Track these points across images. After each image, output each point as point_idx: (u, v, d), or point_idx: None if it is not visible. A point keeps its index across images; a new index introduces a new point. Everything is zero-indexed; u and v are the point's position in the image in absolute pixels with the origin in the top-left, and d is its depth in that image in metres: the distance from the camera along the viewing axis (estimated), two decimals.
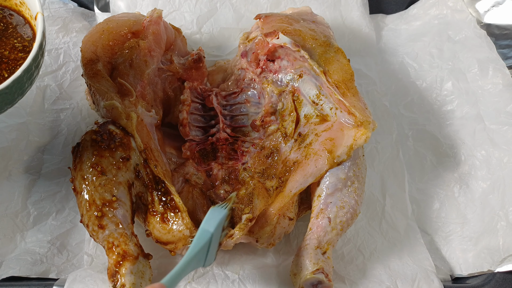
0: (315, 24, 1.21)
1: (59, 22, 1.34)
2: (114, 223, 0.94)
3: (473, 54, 1.32)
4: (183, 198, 1.06)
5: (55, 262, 1.07)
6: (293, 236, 1.12)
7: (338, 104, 1.06)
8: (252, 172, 1.10)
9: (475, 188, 1.18)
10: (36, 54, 0.88)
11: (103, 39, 1.12)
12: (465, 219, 1.16)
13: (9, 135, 1.15)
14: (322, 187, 1.01)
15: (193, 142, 1.15)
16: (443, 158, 1.25)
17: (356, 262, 1.09)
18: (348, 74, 1.09)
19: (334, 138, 1.03)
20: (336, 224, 0.98)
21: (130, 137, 1.01)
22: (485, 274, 1.07)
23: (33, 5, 0.95)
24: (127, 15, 1.22)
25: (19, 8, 1.00)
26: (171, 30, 1.24)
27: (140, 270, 0.92)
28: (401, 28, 1.46)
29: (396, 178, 1.22)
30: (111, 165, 0.97)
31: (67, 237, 1.11)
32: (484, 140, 1.21)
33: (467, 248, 1.12)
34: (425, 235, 1.16)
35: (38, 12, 0.93)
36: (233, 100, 1.21)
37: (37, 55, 0.89)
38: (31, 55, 0.88)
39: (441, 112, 1.31)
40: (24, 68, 0.86)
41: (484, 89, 1.27)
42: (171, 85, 1.21)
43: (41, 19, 0.91)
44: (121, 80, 1.07)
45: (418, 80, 1.36)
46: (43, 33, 0.90)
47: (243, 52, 1.22)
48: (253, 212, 1.05)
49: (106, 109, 1.02)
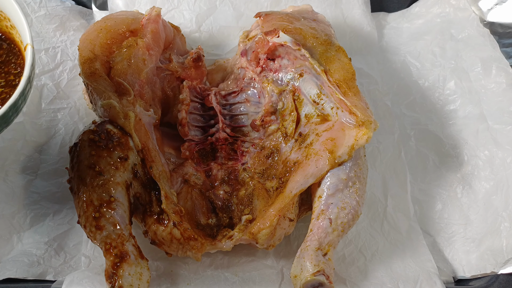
0: (316, 23, 1.20)
1: (56, 21, 1.34)
2: (112, 224, 0.94)
3: (476, 53, 1.32)
4: (181, 199, 1.06)
5: (53, 263, 1.07)
6: (293, 238, 1.12)
7: (339, 103, 1.06)
8: (252, 173, 1.10)
9: (478, 189, 1.18)
10: (23, 88, 0.86)
11: (101, 38, 1.12)
12: (468, 220, 1.16)
13: (6, 135, 1.15)
14: (323, 187, 1.01)
15: (192, 142, 1.15)
16: (446, 158, 1.25)
17: (357, 263, 1.09)
18: (349, 73, 1.09)
19: (335, 138, 1.03)
20: (337, 225, 0.98)
21: (128, 136, 1.01)
22: (488, 276, 1.07)
23: (24, 33, 0.93)
24: (125, 13, 1.22)
25: (9, 31, 0.98)
26: (170, 29, 1.24)
27: (138, 271, 0.92)
28: (403, 26, 1.46)
29: (398, 178, 1.22)
30: (109, 165, 0.97)
31: (65, 239, 1.11)
32: (487, 140, 1.21)
33: (470, 249, 1.12)
34: (427, 236, 1.16)
35: (28, 44, 0.90)
36: (233, 99, 1.21)
37: (25, 89, 0.87)
38: (19, 89, 0.85)
39: (443, 112, 1.30)
40: (10, 103, 0.84)
41: (487, 88, 1.27)
42: (170, 84, 1.21)
43: (30, 52, 0.89)
44: (118, 79, 1.07)
45: (420, 79, 1.36)
46: (32, 65, 0.88)
47: (243, 51, 1.21)
48: (252, 213, 1.05)
49: (103, 108, 1.02)
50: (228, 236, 1.01)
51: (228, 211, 1.08)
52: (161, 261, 1.06)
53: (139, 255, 0.94)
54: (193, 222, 1.04)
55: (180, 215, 0.99)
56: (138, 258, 0.94)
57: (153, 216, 0.99)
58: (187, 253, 0.99)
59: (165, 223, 0.97)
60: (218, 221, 1.07)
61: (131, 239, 0.95)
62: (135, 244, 0.95)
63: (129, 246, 0.93)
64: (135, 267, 0.92)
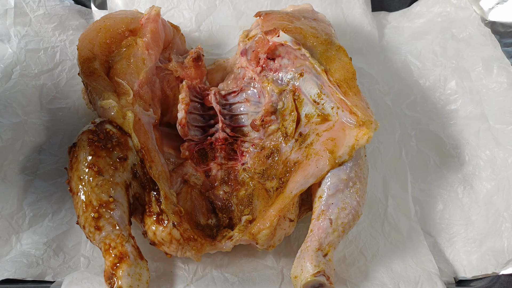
0: (316, 22, 1.21)
1: (55, 20, 1.34)
2: (111, 224, 0.94)
3: (477, 52, 1.32)
4: (181, 199, 1.06)
5: (51, 264, 1.07)
6: (293, 238, 1.12)
7: (339, 103, 1.06)
8: (252, 173, 1.10)
9: (479, 189, 1.18)
10: None
11: (100, 37, 1.12)
12: (469, 220, 1.16)
13: (4, 135, 1.15)
14: (323, 188, 1.01)
15: (192, 142, 1.15)
16: (447, 159, 1.25)
17: (358, 264, 1.09)
18: (350, 72, 1.09)
19: (336, 138, 1.03)
20: (337, 225, 0.98)
21: (128, 136, 1.01)
22: (490, 276, 1.07)
23: None
24: (124, 13, 1.22)
25: None
26: (169, 28, 1.24)
27: (137, 272, 0.92)
28: (404, 26, 1.46)
29: (399, 178, 1.22)
30: (108, 165, 0.97)
31: (64, 239, 1.11)
32: (488, 140, 1.21)
33: (471, 250, 1.12)
34: (428, 237, 1.16)
35: None
36: (233, 99, 1.21)
37: None
38: None
39: (444, 112, 1.31)
40: None
41: (488, 88, 1.27)
42: (169, 84, 1.21)
43: None
44: (118, 79, 1.07)
45: (421, 78, 1.36)
46: None
47: (243, 50, 1.21)
48: (252, 214, 1.05)
49: (102, 108, 1.02)
50: (228, 236, 1.01)
51: (228, 211, 1.08)
52: (161, 261, 1.06)
53: (138, 255, 0.94)
54: (192, 222, 1.04)
55: (180, 215, 1.00)
56: (138, 259, 0.94)
57: (152, 216, 0.99)
58: (186, 253, 0.99)
59: (164, 223, 0.97)
60: (218, 222, 1.07)
61: (130, 240, 0.95)
62: (134, 245, 0.95)
63: (129, 247, 0.94)
64: (135, 267, 0.92)
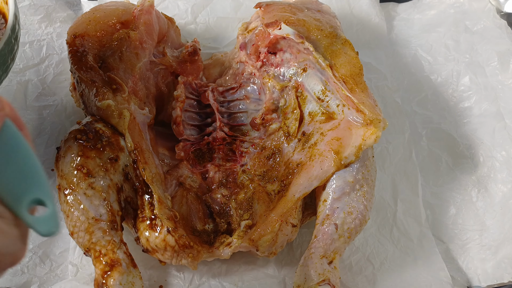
0: (321, 14, 1.21)
1: (41, 11, 1.34)
2: (102, 230, 0.94)
3: (492, 46, 1.32)
4: (176, 203, 1.06)
5: (37, 272, 1.07)
6: (296, 245, 1.12)
7: (345, 100, 1.06)
8: (252, 175, 1.10)
9: (494, 192, 1.18)
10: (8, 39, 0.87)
11: (90, 30, 1.12)
12: (484, 226, 1.16)
13: None
14: (328, 191, 1.01)
15: (188, 142, 1.15)
16: (460, 160, 1.25)
17: (365, 272, 1.09)
18: (356, 68, 1.09)
19: (341, 137, 1.03)
20: (343, 231, 0.98)
21: (119, 135, 1.01)
22: (506, 285, 1.07)
23: None
24: (115, 4, 1.22)
25: None
26: (163, 20, 1.24)
27: (129, 281, 0.92)
28: (414, 17, 1.46)
29: (409, 181, 1.22)
30: (98, 166, 0.97)
31: (50, 246, 1.11)
32: (504, 140, 1.22)
33: (486, 257, 1.12)
34: (440, 244, 1.16)
35: None
36: (231, 96, 1.21)
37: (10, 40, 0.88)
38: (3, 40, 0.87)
39: (457, 109, 1.31)
40: None
41: (504, 84, 1.27)
42: (164, 79, 1.21)
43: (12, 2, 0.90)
44: (112, 75, 1.07)
45: (433, 74, 1.37)
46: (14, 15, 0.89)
47: (242, 44, 1.22)
48: (252, 218, 1.05)
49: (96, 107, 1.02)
50: (226, 243, 1.01)
51: (226, 216, 1.08)
52: (154, 269, 1.06)
53: (131, 263, 0.94)
54: (188, 228, 1.04)
55: (175, 220, 1.00)
56: (130, 267, 0.94)
57: (145, 221, 0.99)
58: (182, 261, 1.00)
59: (158, 229, 0.97)
60: (215, 227, 1.07)
61: (122, 246, 0.95)
62: (126, 252, 0.95)
63: (120, 254, 0.94)
64: (127, 276, 0.92)
